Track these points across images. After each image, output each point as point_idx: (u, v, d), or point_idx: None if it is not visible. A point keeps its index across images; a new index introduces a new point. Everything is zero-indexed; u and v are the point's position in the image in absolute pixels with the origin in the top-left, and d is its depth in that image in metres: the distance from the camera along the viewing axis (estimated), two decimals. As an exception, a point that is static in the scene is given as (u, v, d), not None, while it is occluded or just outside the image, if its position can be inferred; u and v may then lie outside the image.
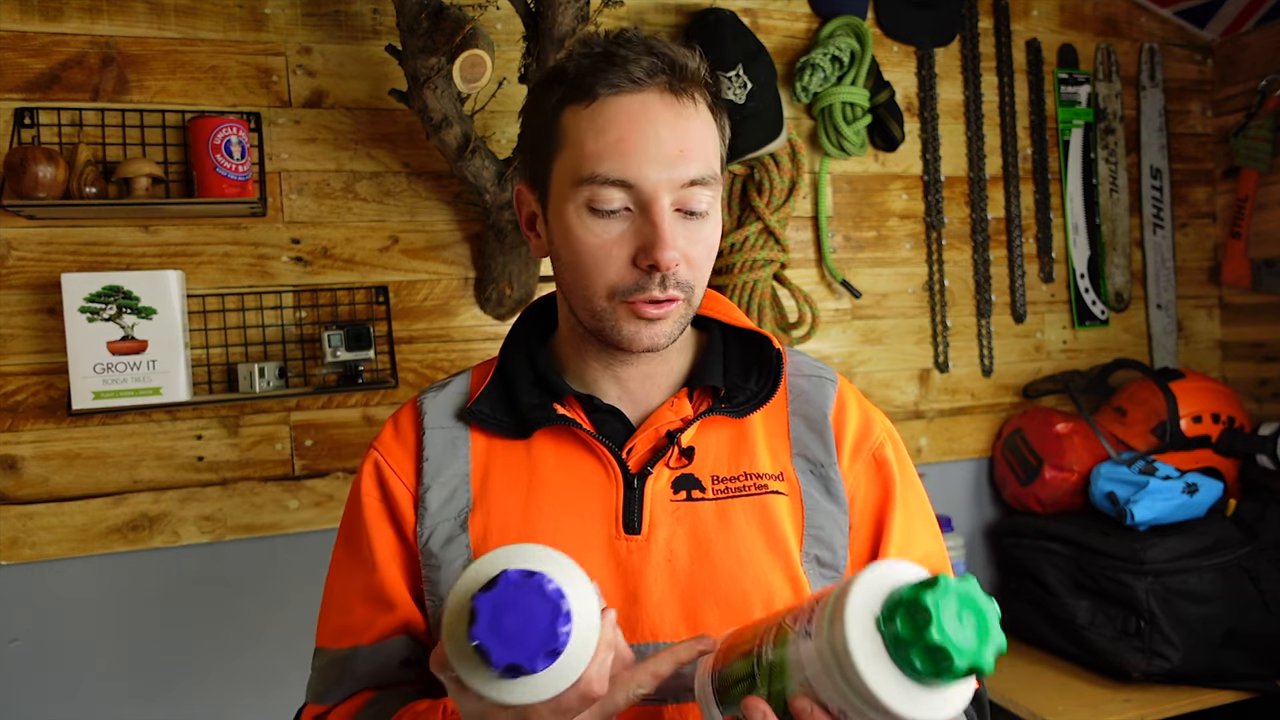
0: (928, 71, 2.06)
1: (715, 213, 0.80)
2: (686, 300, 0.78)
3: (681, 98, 0.76)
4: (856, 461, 0.86)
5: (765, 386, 0.85)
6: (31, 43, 1.51)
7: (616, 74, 0.74)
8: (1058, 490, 1.97)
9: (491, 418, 0.83)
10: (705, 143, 0.77)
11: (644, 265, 0.74)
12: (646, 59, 0.75)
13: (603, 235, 0.75)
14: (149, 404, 1.47)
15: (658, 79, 0.75)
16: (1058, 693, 1.71)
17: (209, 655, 1.59)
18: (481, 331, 1.76)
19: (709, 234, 0.79)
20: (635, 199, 0.75)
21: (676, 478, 0.81)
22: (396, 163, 1.70)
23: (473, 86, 1.43)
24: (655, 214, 0.74)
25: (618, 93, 0.75)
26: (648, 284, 0.75)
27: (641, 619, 0.77)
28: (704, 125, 0.77)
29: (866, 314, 2.03)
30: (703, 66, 0.78)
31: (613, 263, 0.75)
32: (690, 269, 0.77)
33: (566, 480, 0.81)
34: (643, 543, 0.79)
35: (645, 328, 0.77)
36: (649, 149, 0.73)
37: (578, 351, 0.85)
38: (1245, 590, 1.73)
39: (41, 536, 1.52)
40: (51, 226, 1.52)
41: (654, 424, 0.82)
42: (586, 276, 0.77)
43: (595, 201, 0.75)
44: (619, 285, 0.76)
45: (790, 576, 0.80)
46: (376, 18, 1.68)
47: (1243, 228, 2.21)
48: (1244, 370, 2.28)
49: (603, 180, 0.74)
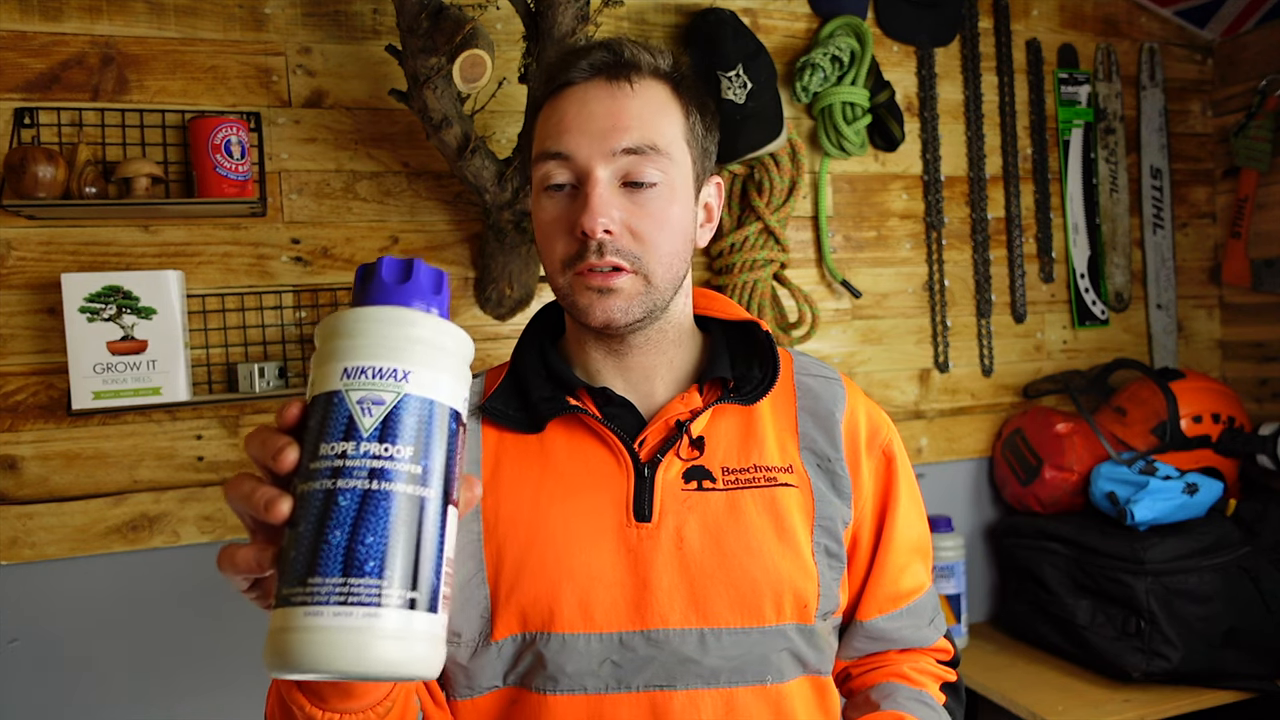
0: (928, 71, 2.06)
1: (672, 185, 0.82)
2: (638, 274, 0.80)
3: (618, 81, 0.81)
4: (870, 458, 0.90)
5: (767, 372, 0.87)
6: (31, 43, 1.51)
7: (569, 70, 0.81)
8: (1058, 490, 1.97)
9: (504, 413, 0.85)
10: (645, 116, 0.80)
11: (578, 234, 0.79)
12: (597, 54, 0.82)
13: (553, 212, 0.81)
14: (149, 404, 1.47)
15: (600, 72, 0.81)
16: (1058, 693, 1.71)
17: (209, 655, 1.59)
18: (481, 331, 1.76)
19: (657, 207, 0.81)
20: (575, 172, 0.80)
21: (688, 469, 0.83)
22: (396, 163, 1.70)
23: (473, 86, 1.43)
24: (588, 185, 0.79)
25: (568, 85, 0.82)
26: (585, 253, 0.79)
27: (651, 605, 0.79)
28: (645, 103, 0.81)
29: (866, 314, 2.03)
30: (660, 60, 0.83)
31: (560, 236, 0.81)
32: (636, 241, 0.80)
33: (578, 469, 0.83)
34: (653, 530, 0.80)
35: (598, 299, 0.80)
36: (583, 125, 0.80)
37: (580, 344, 0.88)
38: (1245, 590, 1.73)
39: (41, 536, 1.52)
40: (51, 226, 1.52)
41: (665, 415, 0.84)
42: (544, 253, 0.83)
43: (544, 179, 0.81)
44: (566, 256, 0.81)
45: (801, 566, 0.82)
46: (376, 18, 1.68)
47: (1243, 228, 2.21)
48: (1244, 370, 2.28)
49: (545, 156, 0.81)
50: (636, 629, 0.78)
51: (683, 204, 0.83)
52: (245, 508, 0.49)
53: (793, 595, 0.81)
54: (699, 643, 0.78)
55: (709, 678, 0.78)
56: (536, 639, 0.78)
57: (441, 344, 0.50)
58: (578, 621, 0.78)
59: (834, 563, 0.85)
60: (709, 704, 0.78)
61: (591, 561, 0.79)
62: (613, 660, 0.78)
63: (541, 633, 0.78)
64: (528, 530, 0.80)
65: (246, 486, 0.49)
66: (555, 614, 0.78)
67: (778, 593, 0.80)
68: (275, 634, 0.45)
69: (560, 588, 0.78)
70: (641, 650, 0.78)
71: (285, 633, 0.44)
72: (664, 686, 0.77)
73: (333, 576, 0.44)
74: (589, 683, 0.78)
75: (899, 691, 0.88)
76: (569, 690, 0.77)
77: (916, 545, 0.92)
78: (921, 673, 0.91)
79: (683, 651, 0.78)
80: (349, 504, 0.45)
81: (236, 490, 0.49)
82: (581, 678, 0.77)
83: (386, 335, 0.49)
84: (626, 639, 0.78)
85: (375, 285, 0.51)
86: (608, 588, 0.79)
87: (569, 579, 0.78)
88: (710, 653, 0.78)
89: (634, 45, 0.82)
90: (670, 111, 0.83)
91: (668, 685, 0.77)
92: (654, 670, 0.78)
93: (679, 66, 0.85)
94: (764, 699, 0.80)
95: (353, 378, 0.48)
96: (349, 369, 0.48)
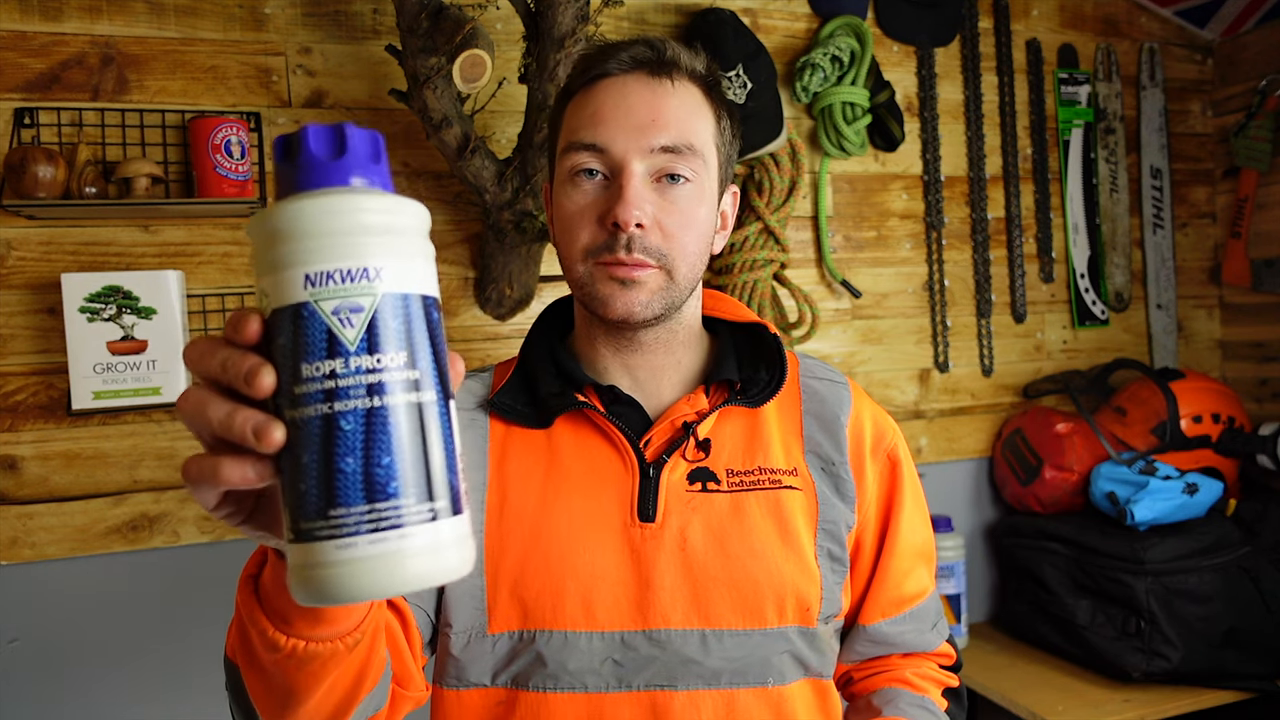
0: (928, 71, 2.06)
1: (701, 187, 0.82)
2: (662, 269, 0.80)
3: (659, 78, 0.81)
4: (875, 462, 0.90)
5: (774, 374, 0.87)
6: (31, 43, 1.51)
7: (606, 63, 0.81)
8: (1058, 490, 1.97)
9: (512, 408, 0.86)
10: (682, 116, 0.80)
11: (609, 224, 0.78)
12: (639, 49, 0.81)
13: (580, 201, 0.80)
14: (149, 404, 1.47)
15: (642, 66, 0.81)
16: (1058, 693, 1.71)
17: (209, 655, 1.59)
18: (481, 331, 1.76)
19: (688, 205, 0.81)
20: (608, 164, 0.79)
21: (693, 470, 0.83)
22: (396, 163, 1.70)
23: (473, 86, 1.43)
24: (623, 177, 0.78)
25: (604, 77, 0.81)
26: (614, 244, 0.79)
27: (654, 605, 0.79)
28: (682, 103, 0.81)
29: (866, 314, 2.03)
30: (697, 63, 0.83)
31: (586, 225, 0.80)
32: (664, 238, 0.80)
33: (583, 467, 0.83)
34: (656, 530, 0.80)
35: (619, 291, 0.79)
36: (620, 118, 0.79)
37: (589, 340, 0.88)
38: (1245, 590, 1.73)
39: (41, 536, 1.52)
40: (51, 226, 1.52)
41: (671, 416, 0.85)
42: (566, 242, 0.82)
43: (574, 166, 0.80)
44: (591, 246, 0.80)
45: (803, 569, 0.82)
46: (376, 18, 1.68)
47: (1243, 228, 2.21)
48: (1244, 370, 2.28)
49: (578, 146, 0.80)
50: (638, 628, 0.78)
51: (709, 206, 0.83)
52: (221, 430, 0.44)
53: (795, 598, 0.81)
54: (700, 643, 0.78)
55: (710, 679, 0.78)
56: (537, 636, 0.78)
57: (404, 225, 0.46)
58: (580, 619, 0.78)
59: (837, 566, 0.85)
60: (709, 705, 0.78)
61: (595, 560, 0.79)
62: (614, 659, 0.78)
63: (543, 630, 0.78)
64: (532, 526, 0.81)
65: (218, 407, 0.43)
66: (558, 611, 0.78)
67: (780, 595, 0.80)
68: (305, 569, 0.43)
69: (563, 585, 0.78)
70: (643, 650, 0.78)
71: (319, 568, 0.43)
72: (665, 686, 0.78)
73: (357, 505, 0.43)
74: (590, 681, 0.78)
75: (901, 697, 0.88)
76: (569, 688, 0.77)
77: (920, 550, 0.92)
78: (924, 678, 0.91)
79: (684, 652, 0.78)
80: (354, 427, 0.43)
81: (200, 408, 0.44)
82: (582, 676, 0.78)
83: (343, 228, 0.43)
84: (628, 638, 0.78)
85: (309, 165, 0.45)
86: (610, 586, 0.79)
87: (572, 576, 0.79)
88: (712, 654, 0.78)
89: (674, 45, 0.82)
90: (704, 114, 0.83)
91: (668, 685, 0.78)
92: (655, 670, 0.78)
93: (712, 70, 0.85)
94: (765, 701, 0.80)
95: (319, 285, 0.43)
96: (311, 275, 0.43)
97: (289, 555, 0.45)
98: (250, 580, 0.60)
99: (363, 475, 0.43)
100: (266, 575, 0.58)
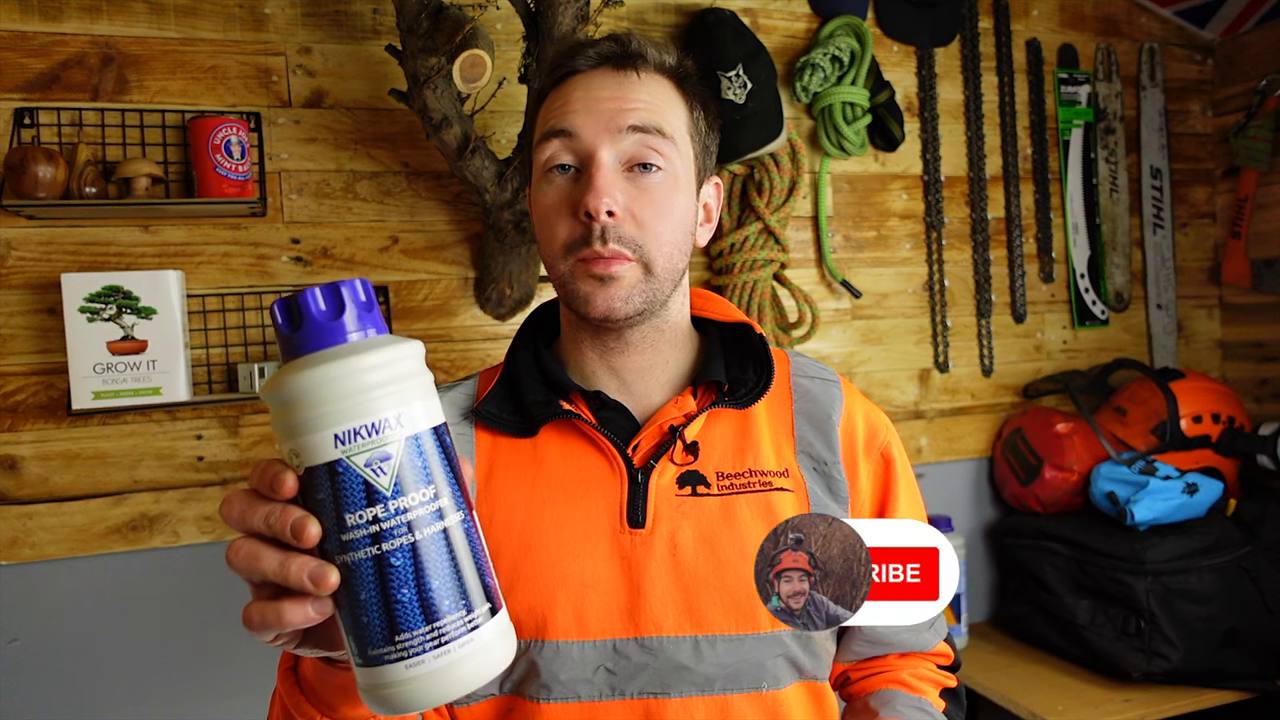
0: (928, 71, 2.06)
1: (675, 175, 0.81)
2: (639, 262, 0.80)
3: (625, 70, 0.81)
4: (868, 460, 0.88)
5: (762, 375, 0.86)
6: (31, 43, 1.51)
7: (574, 60, 0.82)
8: (1058, 490, 1.97)
9: (498, 417, 0.85)
10: (649, 101, 0.80)
11: (581, 215, 0.78)
12: (604, 45, 0.82)
13: (555, 196, 0.81)
14: (149, 404, 1.47)
15: (607, 61, 0.82)
16: (1058, 693, 1.71)
17: (209, 655, 1.59)
18: (481, 331, 1.76)
19: (661, 194, 0.80)
20: (578, 154, 0.80)
21: (682, 474, 0.82)
22: (396, 163, 1.70)
23: (473, 86, 1.43)
24: (592, 166, 0.78)
25: (573, 74, 0.82)
26: (590, 237, 0.78)
27: (645, 612, 0.78)
28: (649, 91, 0.81)
29: (866, 314, 2.03)
30: (666, 56, 0.84)
31: (562, 219, 0.80)
32: (638, 228, 0.79)
33: (571, 474, 0.82)
34: (646, 536, 0.80)
35: (599, 288, 0.79)
36: (589, 105, 0.80)
37: (575, 344, 0.87)
38: (1245, 590, 1.73)
39: (41, 536, 1.52)
40: (51, 226, 1.52)
41: (658, 420, 0.83)
42: (546, 239, 0.82)
43: (547, 161, 0.81)
44: (568, 240, 0.80)
45: None
46: (376, 18, 1.68)
47: (1243, 227, 2.21)
48: (1244, 370, 2.28)
49: (549, 134, 0.80)
50: (630, 636, 0.78)
51: (685, 195, 0.83)
52: (277, 578, 0.49)
53: None
54: (693, 650, 0.78)
55: (703, 685, 0.77)
56: (530, 646, 0.78)
57: (408, 370, 0.50)
58: (571, 629, 0.77)
59: None
60: (703, 711, 0.77)
61: (585, 568, 0.78)
62: (606, 667, 0.77)
63: (535, 640, 0.78)
64: (521, 537, 0.80)
65: (270, 558, 0.49)
66: (549, 621, 0.77)
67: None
68: (380, 689, 0.49)
69: (554, 595, 0.78)
70: (635, 657, 0.77)
71: (393, 687, 0.48)
72: (658, 694, 0.77)
73: (419, 628, 0.48)
74: (583, 690, 0.77)
75: (897, 698, 0.87)
76: (563, 698, 0.77)
77: None
78: (921, 679, 0.90)
79: (677, 659, 0.77)
80: (402, 562, 0.48)
81: (252, 561, 0.49)
82: (575, 685, 0.77)
83: (360, 386, 0.48)
84: (620, 646, 0.78)
85: (315, 328, 0.49)
86: (601, 595, 0.78)
87: (562, 586, 0.78)
88: (704, 660, 0.78)
89: (640, 39, 0.83)
90: (674, 104, 0.83)
91: (662, 693, 0.77)
92: (648, 677, 0.77)
93: (683, 64, 0.85)
94: (759, 706, 0.79)
95: (348, 442, 0.48)
96: (340, 434, 0.47)
97: (360, 676, 0.50)
98: (290, 673, 0.67)
99: (419, 601, 0.48)
100: (305, 667, 0.65)
